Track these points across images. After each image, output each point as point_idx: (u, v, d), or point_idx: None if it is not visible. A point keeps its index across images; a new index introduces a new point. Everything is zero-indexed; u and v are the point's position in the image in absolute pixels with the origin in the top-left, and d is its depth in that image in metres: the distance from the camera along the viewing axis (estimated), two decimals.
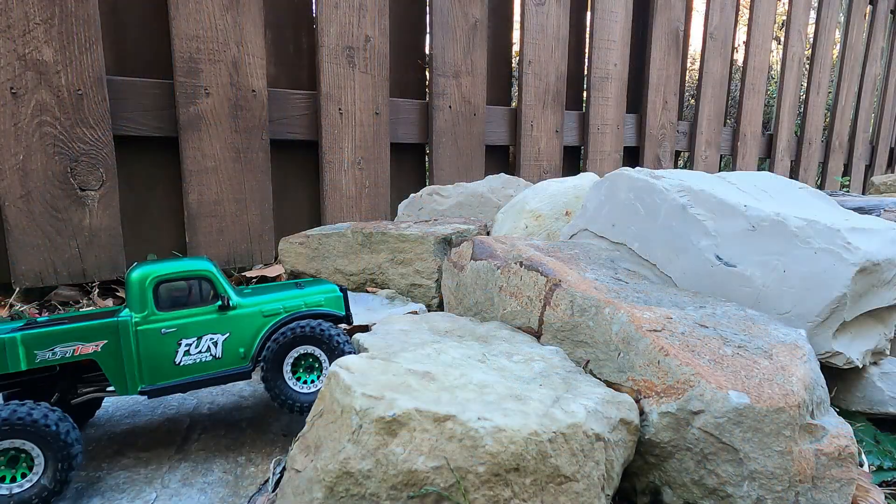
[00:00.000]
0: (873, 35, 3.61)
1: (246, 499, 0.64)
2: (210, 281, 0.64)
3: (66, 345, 0.58)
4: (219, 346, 0.64)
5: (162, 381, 0.62)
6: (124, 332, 0.60)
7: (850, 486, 0.61)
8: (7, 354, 0.56)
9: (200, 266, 0.63)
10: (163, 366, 0.62)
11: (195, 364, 0.64)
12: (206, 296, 0.64)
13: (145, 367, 0.61)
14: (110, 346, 0.60)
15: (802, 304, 0.79)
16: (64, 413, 0.57)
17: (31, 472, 0.56)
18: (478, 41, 1.90)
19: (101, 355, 0.59)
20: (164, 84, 1.39)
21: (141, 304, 0.60)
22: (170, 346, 0.62)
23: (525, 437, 0.52)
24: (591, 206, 1.03)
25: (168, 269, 0.62)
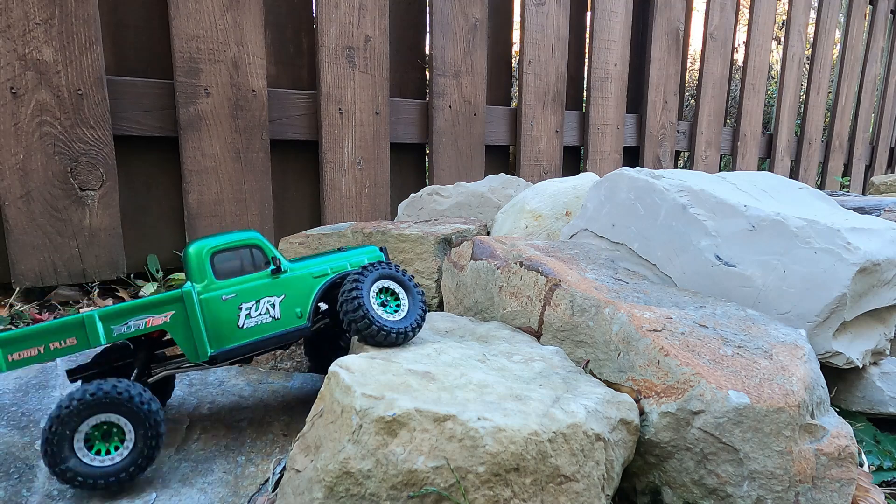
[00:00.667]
0: (873, 35, 3.61)
1: (246, 499, 0.64)
2: (260, 248, 0.68)
3: (138, 318, 0.62)
4: (276, 308, 0.68)
5: (229, 345, 0.66)
6: (189, 301, 0.63)
7: (850, 486, 0.61)
8: (88, 330, 0.59)
9: (250, 236, 0.68)
10: (228, 330, 0.65)
11: (258, 326, 0.67)
12: (259, 262, 0.68)
13: (212, 332, 0.65)
14: (178, 315, 0.63)
15: (802, 304, 0.79)
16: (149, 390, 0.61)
17: (122, 446, 0.60)
18: (478, 41, 1.90)
19: (171, 325, 0.63)
20: (164, 84, 1.39)
21: (200, 275, 0.64)
22: (232, 311, 0.65)
23: (525, 437, 0.52)
24: (591, 206, 1.03)
25: (221, 240, 0.66)
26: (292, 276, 0.70)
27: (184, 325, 0.64)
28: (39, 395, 0.80)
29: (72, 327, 0.59)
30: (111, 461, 0.59)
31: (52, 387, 0.81)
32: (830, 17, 3.26)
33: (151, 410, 0.60)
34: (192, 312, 0.64)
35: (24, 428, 0.73)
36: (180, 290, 0.63)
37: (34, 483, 0.64)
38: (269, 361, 0.91)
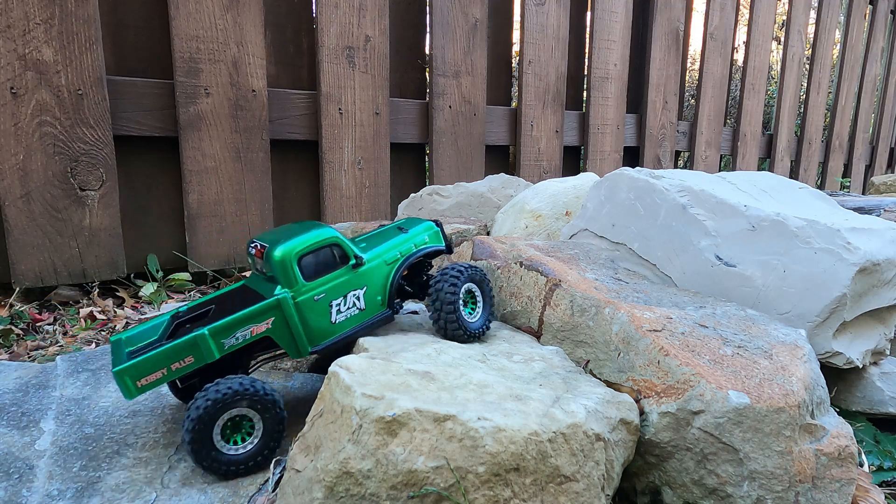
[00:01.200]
0: (873, 35, 3.61)
1: (246, 499, 0.64)
2: (339, 245, 0.71)
3: (244, 329, 0.65)
4: (361, 300, 0.72)
5: (325, 340, 0.70)
6: (286, 307, 0.67)
7: (850, 486, 0.61)
8: (202, 348, 0.63)
9: (329, 234, 0.70)
10: (323, 327, 0.70)
11: (347, 319, 0.72)
12: (339, 259, 0.71)
13: (309, 331, 0.69)
14: (278, 321, 0.67)
15: (802, 304, 0.79)
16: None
17: (251, 437, 0.64)
18: (478, 41, 1.90)
19: (273, 330, 0.67)
20: (165, 84, 1.39)
21: (291, 280, 0.67)
22: (324, 310, 0.69)
23: (525, 437, 0.52)
24: (591, 206, 1.03)
25: (303, 243, 0.68)
26: (369, 267, 0.73)
27: (284, 329, 0.68)
28: (39, 395, 0.80)
29: (188, 347, 0.63)
30: (244, 449, 0.64)
31: (52, 387, 0.81)
32: (830, 17, 3.26)
33: (275, 400, 0.65)
34: (289, 317, 0.67)
35: (24, 428, 0.73)
36: (276, 298, 0.66)
37: (34, 483, 0.64)
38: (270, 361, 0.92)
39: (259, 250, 0.70)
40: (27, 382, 0.82)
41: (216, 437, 0.63)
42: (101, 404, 0.78)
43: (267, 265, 0.68)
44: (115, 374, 0.61)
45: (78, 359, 0.88)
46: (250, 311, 0.65)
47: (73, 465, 0.67)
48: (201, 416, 0.61)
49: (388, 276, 0.74)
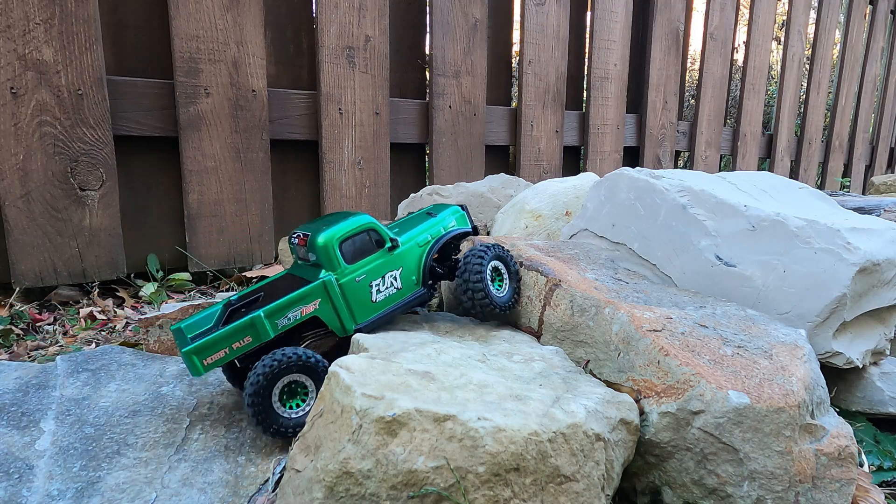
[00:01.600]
0: (873, 35, 3.61)
1: (246, 499, 0.64)
2: (376, 230, 0.77)
3: (294, 310, 0.71)
4: (398, 280, 0.78)
5: (367, 318, 0.76)
6: (331, 288, 0.73)
7: (850, 486, 0.61)
8: (258, 328, 0.69)
9: (366, 220, 0.76)
10: (365, 306, 0.76)
11: (386, 298, 0.78)
12: (377, 243, 0.77)
13: (352, 310, 0.75)
14: (324, 301, 0.73)
15: (802, 304, 0.79)
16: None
17: (306, 401, 0.70)
18: (478, 41, 1.90)
19: (320, 310, 0.73)
20: (165, 84, 1.39)
21: (335, 263, 0.74)
22: (365, 290, 0.75)
23: (525, 437, 0.52)
24: (591, 206, 1.03)
25: (344, 229, 0.74)
26: (404, 249, 0.79)
27: (329, 309, 0.74)
28: (39, 395, 0.80)
29: (247, 328, 0.69)
30: (303, 412, 0.70)
31: (52, 387, 0.81)
32: (830, 17, 3.26)
33: (324, 366, 0.70)
34: (334, 297, 0.73)
35: (25, 428, 0.73)
36: (322, 280, 0.72)
37: (34, 483, 0.64)
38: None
39: (302, 239, 0.75)
40: (27, 382, 0.82)
41: (275, 403, 0.68)
42: (101, 404, 0.78)
43: (311, 252, 0.74)
44: (184, 354, 0.66)
45: (78, 359, 0.88)
46: (299, 294, 0.71)
47: (73, 465, 0.67)
48: (260, 383, 0.66)
49: (421, 257, 0.80)
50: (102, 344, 1.10)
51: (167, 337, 0.94)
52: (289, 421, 0.68)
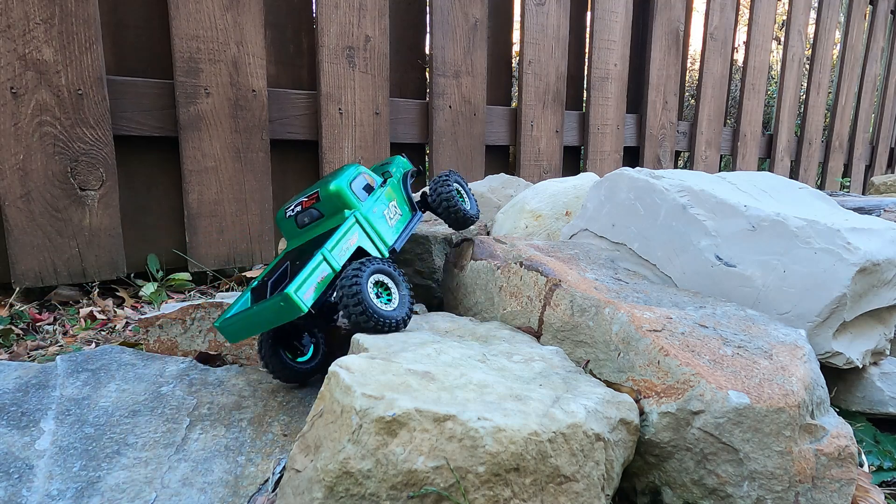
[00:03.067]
0: (873, 35, 3.61)
1: (246, 499, 0.64)
2: (366, 173, 0.88)
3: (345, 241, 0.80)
4: (398, 208, 0.90)
5: (393, 239, 0.87)
6: (361, 219, 0.83)
7: (850, 486, 0.61)
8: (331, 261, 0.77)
9: (357, 167, 0.87)
10: (387, 229, 0.86)
11: (398, 222, 0.89)
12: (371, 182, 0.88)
13: (380, 234, 0.85)
14: (361, 233, 0.82)
15: (802, 305, 0.79)
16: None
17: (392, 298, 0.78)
18: (478, 41, 1.90)
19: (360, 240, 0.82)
20: (165, 84, 1.39)
21: (353, 203, 0.83)
22: (381, 217, 0.86)
23: (525, 437, 0.52)
24: (591, 206, 1.03)
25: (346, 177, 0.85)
26: (390, 185, 0.90)
27: (365, 238, 0.83)
28: (39, 395, 0.80)
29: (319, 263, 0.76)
30: (391, 307, 0.76)
31: (52, 386, 0.81)
32: (830, 17, 3.26)
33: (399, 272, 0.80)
34: (366, 227, 0.83)
35: (24, 428, 0.73)
36: (353, 214, 0.82)
37: (34, 483, 0.64)
38: None
39: (310, 198, 0.85)
40: (27, 382, 0.82)
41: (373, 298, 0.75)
42: (101, 404, 0.78)
43: (326, 204, 0.83)
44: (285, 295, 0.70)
45: (78, 359, 0.88)
46: (344, 230, 0.80)
47: (73, 465, 0.67)
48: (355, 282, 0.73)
49: (402, 191, 0.93)
50: (102, 344, 1.10)
51: (167, 337, 0.94)
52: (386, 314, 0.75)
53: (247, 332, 0.74)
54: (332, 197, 0.82)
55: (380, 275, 0.78)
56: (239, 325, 0.74)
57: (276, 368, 0.82)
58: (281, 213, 0.87)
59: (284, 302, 0.70)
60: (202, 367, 0.89)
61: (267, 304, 0.72)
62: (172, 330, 0.93)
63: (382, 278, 0.79)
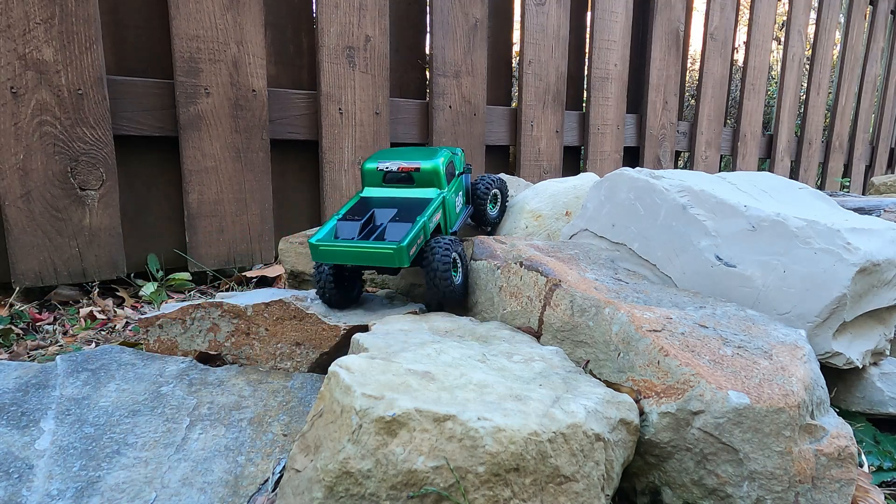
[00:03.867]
0: (873, 35, 3.61)
1: (246, 499, 0.64)
2: (452, 162, 1.00)
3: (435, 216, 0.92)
4: (461, 198, 1.04)
5: (454, 224, 1.00)
6: (445, 202, 0.95)
7: (849, 486, 0.61)
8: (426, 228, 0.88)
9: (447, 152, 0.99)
10: (453, 215, 0.99)
11: (459, 210, 1.03)
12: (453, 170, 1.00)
13: (450, 217, 0.98)
14: (442, 212, 0.94)
15: (802, 305, 0.79)
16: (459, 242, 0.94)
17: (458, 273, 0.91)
18: (478, 41, 1.90)
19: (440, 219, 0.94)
20: (165, 84, 1.39)
21: (443, 184, 0.95)
22: (453, 204, 0.99)
23: (525, 438, 0.52)
24: (591, 207, 1.03)
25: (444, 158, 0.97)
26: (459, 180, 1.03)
27: (443, 217, 0.95)
28: (39, 395, 0.80)
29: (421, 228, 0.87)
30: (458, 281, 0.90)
31: (51, 386, 0.81)
32: (831, 17, 3.26)
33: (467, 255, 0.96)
34: (446, 208, 0.96)
35: (24, 427, 0.73)
36: (442, 195, 0.94)
37: (34, 483, 0.64)
38: (269, 361, 0.92)
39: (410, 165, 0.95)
40: (27, 382, 0.82)
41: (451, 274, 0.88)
42: (100, 404, 0.78)
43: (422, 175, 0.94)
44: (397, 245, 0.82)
45: (78, 358, 0.88)
46: (434, 206, 0.92)
47: (73, 465, 0.67)
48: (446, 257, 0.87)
49: (463, 184, 1.06)
50: (102, 343, 1.10)
51: (167, 337, 0.94)
52: (455, 284, 0.89)
53: (342, 258, 0.85)
54: (430, 173, 0.94)
55: (457, 255, 0.92)
56: (339, 253, 0.85)
57: (332, 296, 0.93)
58: (372, 164, 0.96)
59: (395, 252, 0.82)
60: (202, 367, 0.89)
61: (379, 247, 0.83)
62: (172, 330, 0.93)
63: (457, 257, 0.92)
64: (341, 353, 0.89)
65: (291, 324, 0.90)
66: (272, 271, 1.50)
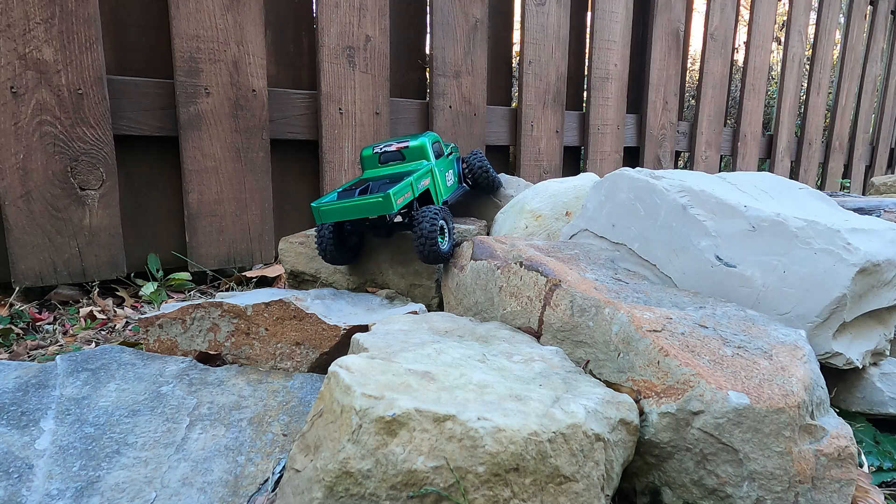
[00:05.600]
0: (874, 36, 3.61)
1: (246, 498, 0.64)
2: (439, 142, 1.14)
3: (423, 180, 1.03)
4: (452, 176, 1.18)
5: (445, 196, 1.13)
6: (433, 171, 1.07)
7: (849, 486, 0.61)
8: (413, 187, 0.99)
9: (435, 135, 1.13)
10: (444, 187, 1.12)
11: (450, 186, 1.15)
12: (441, 149, 1.14)
13: (440, 188, 1.10)
14: (431, 180, 1.06)
15: (802, 305, 0.79)
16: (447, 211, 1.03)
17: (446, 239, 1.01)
18: (478, 41, 1.90)
19: (430, 185, 1.06)
20: (165, 84, 1.39)
21: (430, 158, 1.08)
22: (443, 177, 1.12)
23: (525, 438, 0.52)
24: (592, 207, 1.03)
25: (430, 138, 1.10)
26: (451, 158, 1.18)
27: (433, 185, 1.07)
28: (39, 395, 0.80)
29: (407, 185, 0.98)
30: (444, 246, 1.00)
31: (51, 386, 0.81)
32: (831, 17, 3.26)
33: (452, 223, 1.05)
34: (434, 178, 1.07)
35: (24, 427, 0.73)
36: (430, 165, 1.06)
37: (34, 482, 0.64)
38: (269, 361, 0.92)
39: (400, 145, 1.09)
40: (27, 382, 0.83)
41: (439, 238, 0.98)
42: (100, 404, 0.78)
43: (411, 151, 1.08)
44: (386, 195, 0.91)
45: (78, 358, 0.88)
46: (423, 171, 1.04)
47: (73, 465, 0.67)
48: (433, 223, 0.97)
49: (455, 167, 1.21)
50: (102, 343, 1.10)
51: (167, 336, 0.94)
52: (440, 249, 0.98)
53: (340, 215, 0.95)
54: (417, 148, 1.08)
55: (444, 221, 1.01)
56: (337, 209, 0.95)
57: (333, 254, 1.05)
58: (368, 150, 1.10)
59: (384, 199, 0.91)
60: (202, 367, 0.89)
61: (368, 199, 0.92)
62: (172, 329, 0.93)
63: (444, 224, 1.01)
64: (341, 353, 0.89)
65: (291, 324, 0.90)
66: (272, 271, 1.50)
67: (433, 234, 0.96)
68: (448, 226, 1.02)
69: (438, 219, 0.98)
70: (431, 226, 0.96)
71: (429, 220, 0.96)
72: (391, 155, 1.09)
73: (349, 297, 1.07)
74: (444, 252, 0.99)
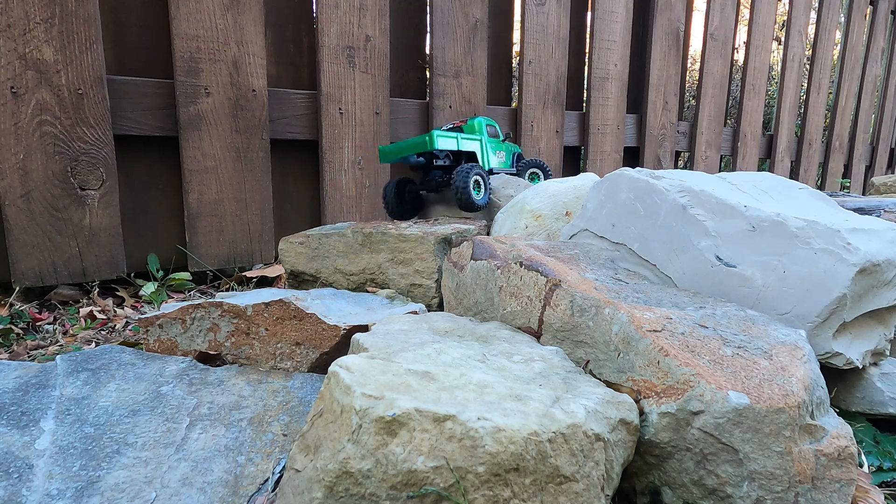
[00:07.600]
0: (874, 36, 3.61)
1: (246, 498, 0.64)
2: (495, 126, 1.41)
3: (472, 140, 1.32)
4: (503, 157, 1.43)
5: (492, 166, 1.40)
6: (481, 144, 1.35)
7: (849, 486, 0.61)
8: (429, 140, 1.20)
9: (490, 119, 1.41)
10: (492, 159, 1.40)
11: (501, 164, 1.43)
12: (497, 133, 1.42)
13: (487, 158, 1.37)
14: (479, 147, 1.34)
15: (802, 305, 0.79)
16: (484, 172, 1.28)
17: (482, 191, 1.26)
18: (478, 41, 1.90)
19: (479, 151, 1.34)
20: (165, 84, 1.39)
21: (482, 133, 1.36)
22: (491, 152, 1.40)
23: (525, 438, 0.52)
24: (591, 207, 1.03)
25: (485, 120, 1.38)
26: (507, 145, 1.46)
27: (481, 152, 1.35)
28: (39, 395, 0.80)
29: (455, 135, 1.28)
30: (479, 197, 1.24)
31: (51, 386, 0.81)
32: (831, 17, 3.26)
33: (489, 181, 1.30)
34: (482, 148, 1.35)
35: (24, 427, 0.73)
36: (480, 138, 1.34)
37: (34, 482, 0.64)
38: (269, 361, 0.92)
39: (460, 122, 1.38)
40: (27, 382, 0.83)
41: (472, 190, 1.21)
42: (100, 404, 0.78)
43: (468, 127, 1.36)
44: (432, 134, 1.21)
45: (78, 358, 0.88)
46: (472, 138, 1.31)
47: (73, 465, 0.67)
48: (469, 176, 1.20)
49: (507, 151, 1.46)
50: (102, 343, 1.10)
51: (167, 336, 0.94)
52: (475, 199, 1.21)
53: (396, 154, 1.24)
54: (472, 125, 1.37)
55: (478, 176, 1.23)
56: (393, 149, 1.24)
57: (395, 207, 1.33)
58: (438, 130, 1.26)
59: (428, 137, 1.18)
60: (202, 367, 0.89)
61: (417, 139, 1.20)
62: (172, 329, 0.94)
63: (479, 179, 1.23)
64: (341, 353, 0.89)
65: (291, 324, 0.90)
66: (272, 271, 1.50)
67: (466, 187, 1.19)
68: (484, 181, 1.25)
69: (472, 173, 1.20)
70: (466, 177, 1.19)
71: (465, 173, 1.19)
72: (452, 130, 1.37)
73: (349, 296, 1.07)
74: (479, 202, 1.22)
